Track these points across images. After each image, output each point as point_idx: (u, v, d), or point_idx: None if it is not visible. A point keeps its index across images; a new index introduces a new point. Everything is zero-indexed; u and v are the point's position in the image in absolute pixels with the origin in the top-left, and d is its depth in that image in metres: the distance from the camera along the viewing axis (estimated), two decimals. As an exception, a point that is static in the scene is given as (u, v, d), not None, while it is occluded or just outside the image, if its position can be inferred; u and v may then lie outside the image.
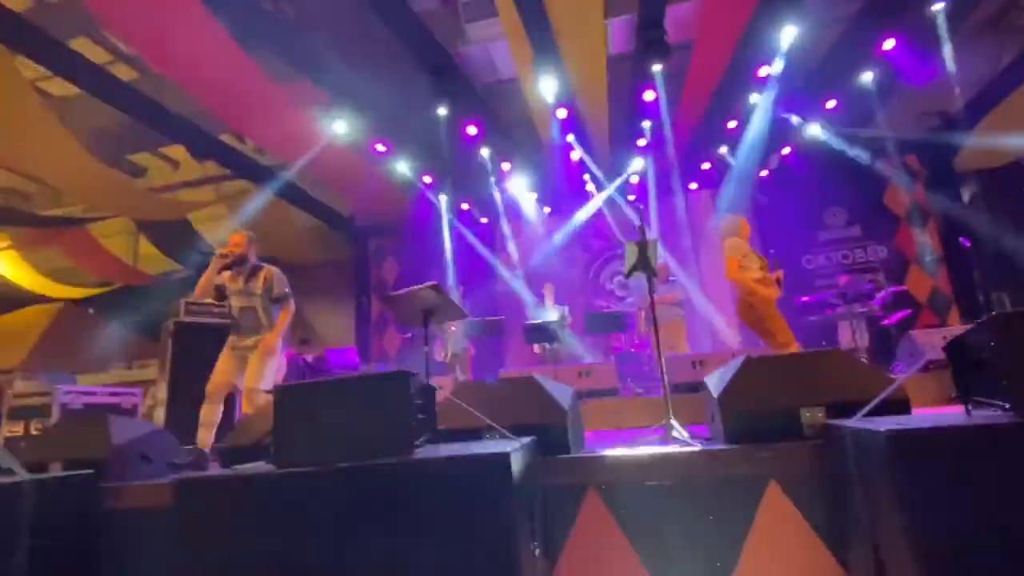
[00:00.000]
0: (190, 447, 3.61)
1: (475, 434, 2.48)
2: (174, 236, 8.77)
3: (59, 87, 7.69)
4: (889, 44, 6.46)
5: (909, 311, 7.51)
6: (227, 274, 3.87)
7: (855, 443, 1.63)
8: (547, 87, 6.80)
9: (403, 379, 2.00)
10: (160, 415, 4.69)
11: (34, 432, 4.40)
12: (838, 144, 8.38)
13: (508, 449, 1.80)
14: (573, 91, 7.30)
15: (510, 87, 7.91)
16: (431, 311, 3.10)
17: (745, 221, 4.90)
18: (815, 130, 8.21)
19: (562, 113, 7.41)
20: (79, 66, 5.85)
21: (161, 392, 4.77)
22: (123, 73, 7.92)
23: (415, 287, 3.01)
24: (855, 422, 1.70)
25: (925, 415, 1.93)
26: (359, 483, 1.88)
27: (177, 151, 9.56)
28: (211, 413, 3.70)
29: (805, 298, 7.45)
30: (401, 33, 6.11)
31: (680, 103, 7.79)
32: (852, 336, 7.05)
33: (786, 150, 8.89)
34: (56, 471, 3.01)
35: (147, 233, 8.45)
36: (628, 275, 2.90)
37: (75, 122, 8.36)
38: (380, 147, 7.74)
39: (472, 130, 7.50)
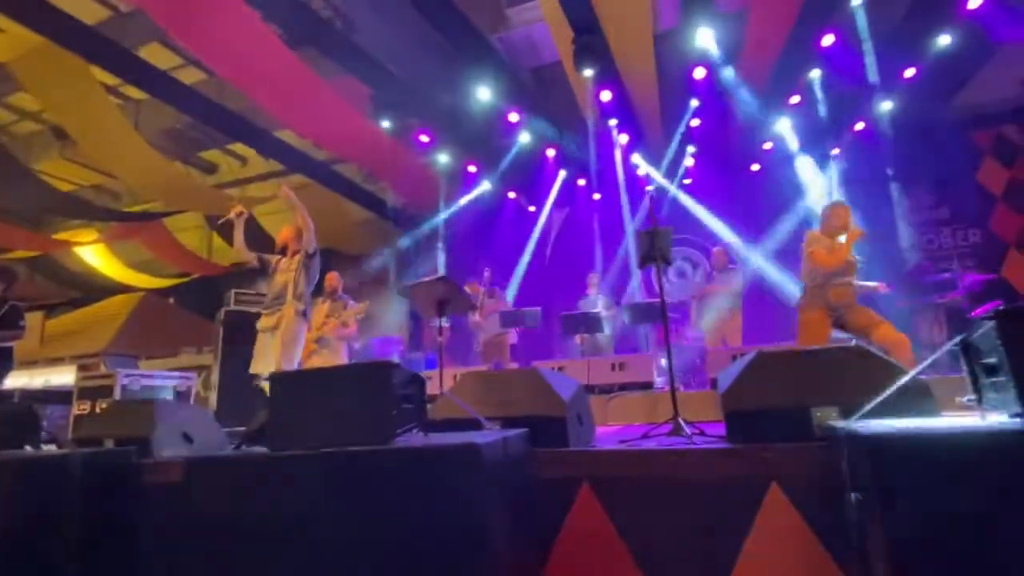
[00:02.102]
0: (239, 430, 3.77)
1: (475, 424, 2.46)
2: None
3: (137, 91, 8.31)
4: (975, 2, 5.74)
5: (1001, 302, 6.71)
6: (276, 256, 4.18)
7: (848, 446, 1.46)
8: (590, 69, 6.57)
9: (384, 369, 2.01)
10: (214, 399, 5.01)
11: (98, 411, 4.86)
12: (921, 116, 7.57)
13: (478, 440, 1.76)
14: (619, 71, 7.03)
15: (553, 71, 7.75)
16: (443, 302, 3.09)
17: (834, 209, 4.10)
18: (893, 102, 7.45)
19: (606, 95, 7.15)
20: (146, 73, 6.27)
21: (215, 377, 5.10)
22: (192, 75, 8.44)
23: (423, 279, 3.02)
24: (850, 423, 1.53)
25: (943, 420, 1.69)
26: (339, 468, 1.90)
27: (245, 148, 10.11)
28: None
29: (877, 288, 6.83)
30: (440, 22, 6.11)
31: (736, 77, 7.31)
32: (929, 330, 6.41)
33: (859, 125, 8.14)
34: (109, 447, 3.29)
35: (216, 227, 9.05)
36: (642, 266, 2.76)
37: (152, 122, 9.02)
38: (424, 138, 7.82)
39: (514, 116, 7.41)
